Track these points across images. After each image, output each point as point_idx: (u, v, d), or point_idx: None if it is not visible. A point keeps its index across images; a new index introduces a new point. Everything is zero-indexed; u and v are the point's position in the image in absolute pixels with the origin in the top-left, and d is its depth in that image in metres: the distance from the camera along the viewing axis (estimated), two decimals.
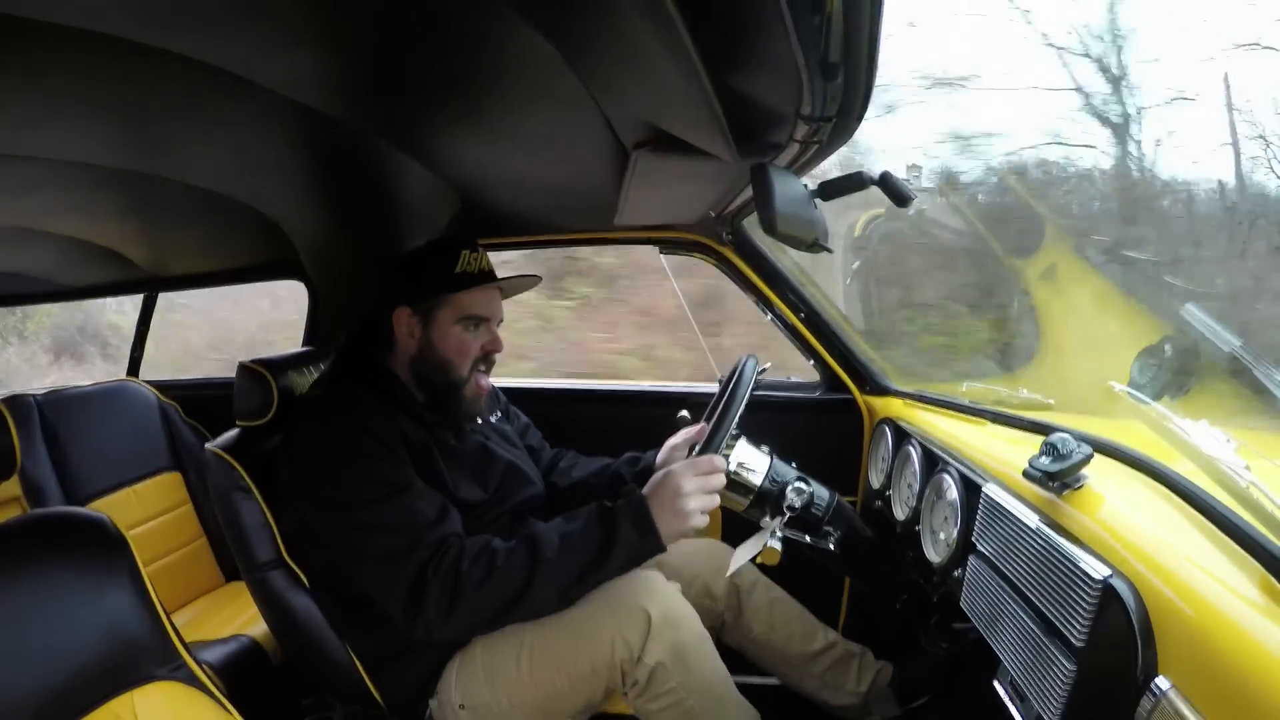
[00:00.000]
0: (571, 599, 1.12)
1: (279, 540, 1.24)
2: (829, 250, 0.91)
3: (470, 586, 1.06)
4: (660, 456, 1.46)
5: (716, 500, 1.10)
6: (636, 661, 1.11)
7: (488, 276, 1.27)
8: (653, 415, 1.67)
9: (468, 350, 1.27)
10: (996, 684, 0.94)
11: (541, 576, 1.06)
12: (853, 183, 0.96)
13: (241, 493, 1.25)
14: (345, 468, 1.12)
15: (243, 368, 1.40)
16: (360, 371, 1.28)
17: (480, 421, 1.40)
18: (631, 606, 1.12)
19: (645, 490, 1.11)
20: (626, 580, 1.17)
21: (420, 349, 1.27)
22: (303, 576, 1.23)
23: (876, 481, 1.55)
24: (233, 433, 1.36)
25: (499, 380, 1.61)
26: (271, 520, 1.25)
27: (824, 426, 1.76)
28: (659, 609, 1.12)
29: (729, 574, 1.25)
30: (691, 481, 1.07)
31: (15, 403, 1.83)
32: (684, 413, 1.51)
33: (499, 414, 1.50)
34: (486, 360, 1.30)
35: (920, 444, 1.33)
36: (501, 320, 1.33)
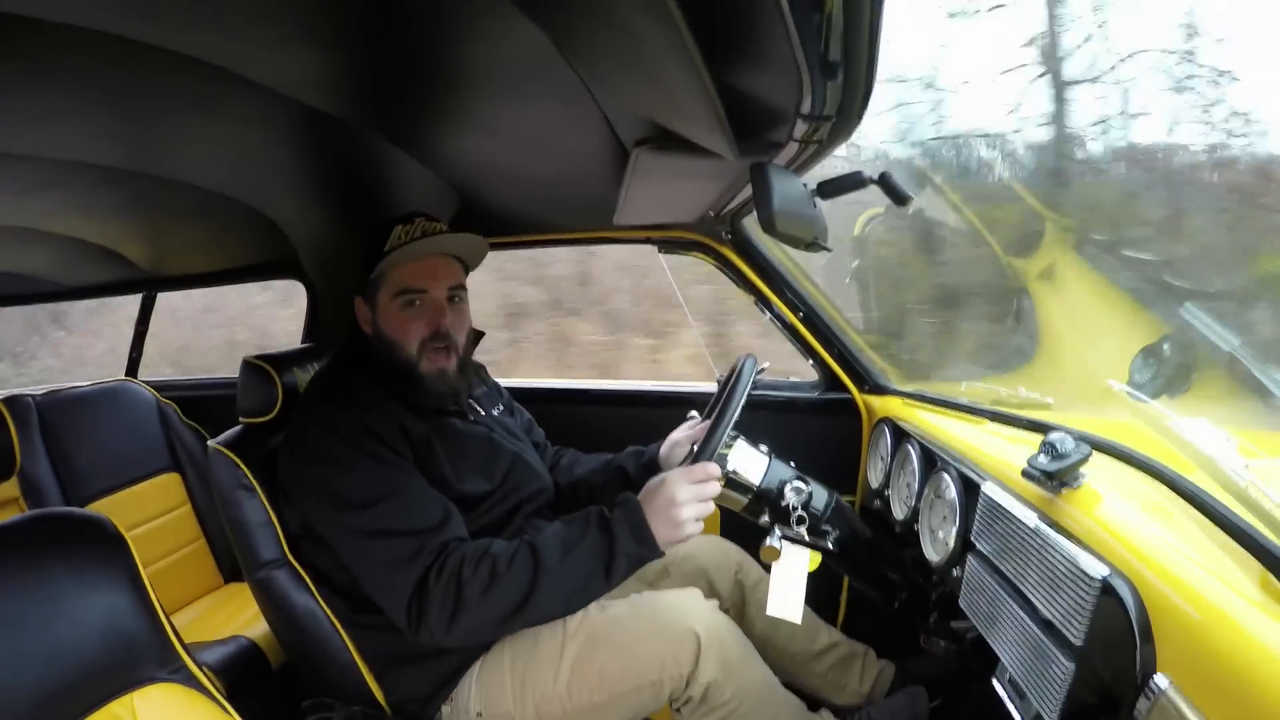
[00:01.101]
0: (575, 607, 1.11)
1: (282, 539, 1.24)
2: (828, 249, 0.91)
3: (473, 595, 1.05)
4: (663, 451, 1.46)
5: (711, 508, 1.10)
6: (688, 681, 1.13)
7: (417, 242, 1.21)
8: (654, 415, 1.67)
9: (408, 329, 1.22)
10: (996, 682, 0.95)
11: (544, 585, 1.06)
12: (852, 182, 0.97)
13: (245, 491, 1.25)
14: (347, 468, 1.12)
15: (247, 364, 1.39)
16: (357, 366, 1.27)
17: (482, 411, 1.39)
18: (680, 629, 1.14)
19: (641, 496, 1.10)
20: (668, 600, 1.19)
21: (375, 334, 1.26)
22: (306, 577, 1.22)
23: (875, 481, 1.55)
24: (236, 430, 1.35)
25: (502, 380, 1.61)
26: (275, 519, 1.24)
27: (823, 426, 1.76)
28: (704, 627, 1.14)
29: (798, 620, 1.20)
30: (685, 490, 1.07)
31: (14, 403, 1.83)
32: (693, 413, 1.51)
33: (502, 407, 1.49)
34: (437, 338, 1.23)
35: (919, 443, 1.33)
36: (458, 290, 1.27)
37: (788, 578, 1.18)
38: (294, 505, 1.21)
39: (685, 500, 1.06)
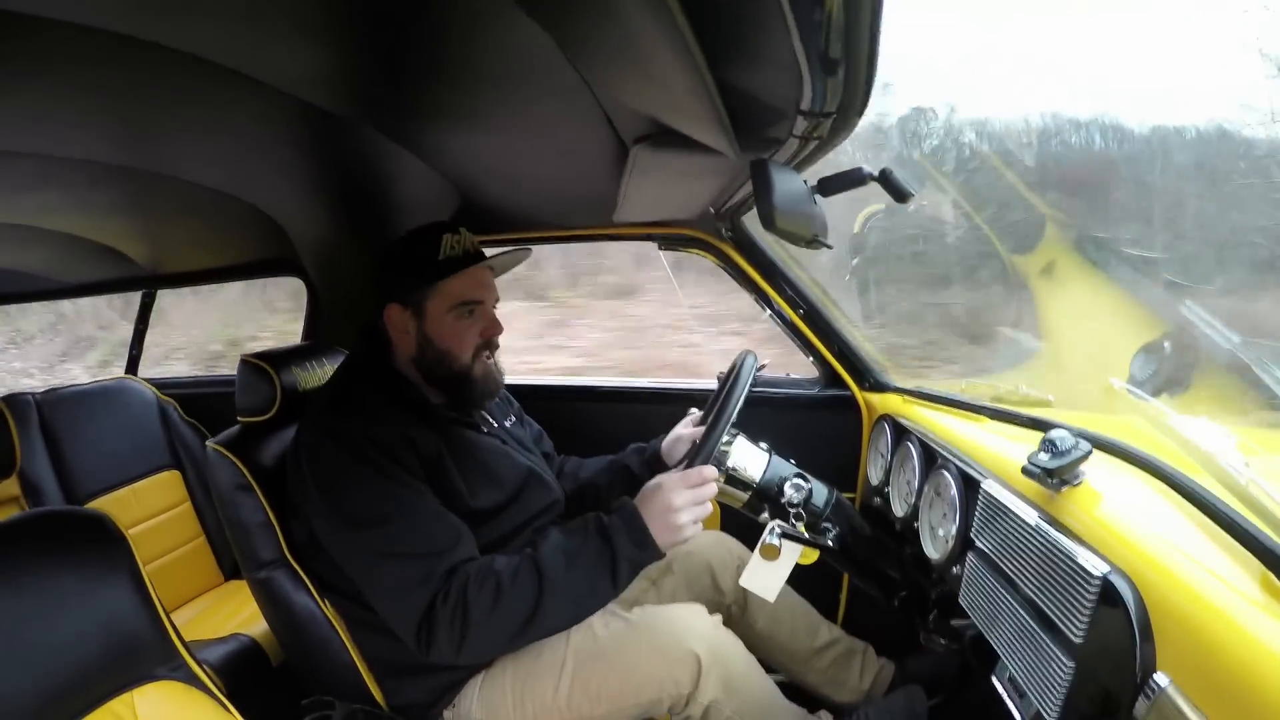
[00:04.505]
0: (582, 615, 1.11)
1: (281, 539, 1.23)
2: (828, 246, 0.91)
3: (480, 615, 1.05)
4: (665, 445, 1.46)
5: (709, 510, 1.10)
6: (688, 701, 1.13)
7: (473, 258, 1.24)
8: (655, 411, 1.67)
9: (465, 338, 1.24)
10: (995, 680, 0.95)
11: (550, 598, 1.05)
12: (852, 179, 0.96)
13: (243, 491, 1.24)
14: (356, 487, 1.10)
15: (245, 362, 1.39)
16: (368, 377, 1.26)
17: (494, 423, 1.39)
18: (680, 650, 1.13)
19: (638, 499, 1.10)
20: (670, 618, 1.19)
21: (418, 344, 1.24)
22: (304, 577, 1.22)
23: (875, 478, 1.55)
24: (234, 429, 1.35)
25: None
26: (274, 519, 1.24)
27: (823, 423, 1.76)
28: (705, 648, 1.14)
29: (771, 598, 1.22)
30: (682, 495, 1.07)
31: (14, 402, 1.83)
32: (693, 410, 1.52)
33: (513, 418, 1.48)
34: (489, 346, 1.27)
35: (919, 440, 1.33)
36: (498, 300, 1.30)
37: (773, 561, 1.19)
38: (301, 519, 1.20)
39: (682, 505, 1.07)
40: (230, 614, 1.78)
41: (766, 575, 1.19)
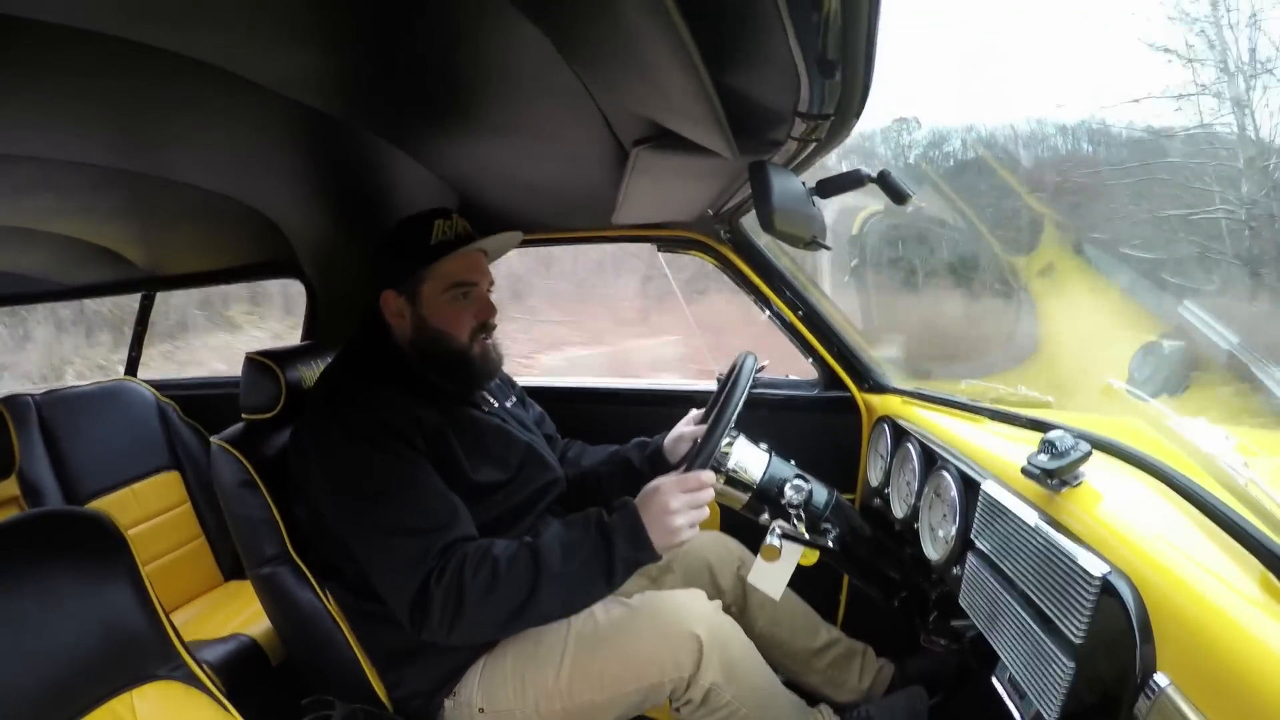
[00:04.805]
0: (575, 609, 1.12)
1: (285, 535, 1.24)
2: (827, 248, 0.91)
3: (474, 598, 1.05)
4: (667, 443, 1.47)
5: (706, 514, 1.11)
6: (689, 684, 1.14)
7: (465, 240, 1.26)
8: (655, 414, 1.67)
9: (461, 319, 1.26)
10: (995, 681, 0.95)
11: (544, 588, 1.06)
12: (850, 180, 0.96)
13: (247, 487, 1.25)
14: (360, 462, 1.12)
15: (250, 360, 1.40)
16: (369, 361, 1.27)
17: (495, 403, 1.40)
18: (682, 632, 1.14)
19: (638, 501, 1.11)
20: (671, 602, 1.19)
21: (414, 328, 1.26)
22: (308, 573, 1.22)
23: (875, 479, 1.55)
24: (239, 426, 1.36)
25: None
26: (278, 515, 1.24)
27: (823, 424, 1.76)
28: (707, 630, 1.14)
29: (777, 596, 1.23)
30: (678, 499, 1.08)
31: (13, 402, 1.83)
32: (694, 412, 1.52)
33: (514, 399, 1.49)
34: (485, 328, 1.29)
35: (919, 441, 1.33)
36: (492, 284, 1.32)
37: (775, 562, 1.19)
38: (304, 499, 1.22)
39: (678, 509, 1.07)
40: (230, 614, 1.78)
41: (772, 574, 1.20)
